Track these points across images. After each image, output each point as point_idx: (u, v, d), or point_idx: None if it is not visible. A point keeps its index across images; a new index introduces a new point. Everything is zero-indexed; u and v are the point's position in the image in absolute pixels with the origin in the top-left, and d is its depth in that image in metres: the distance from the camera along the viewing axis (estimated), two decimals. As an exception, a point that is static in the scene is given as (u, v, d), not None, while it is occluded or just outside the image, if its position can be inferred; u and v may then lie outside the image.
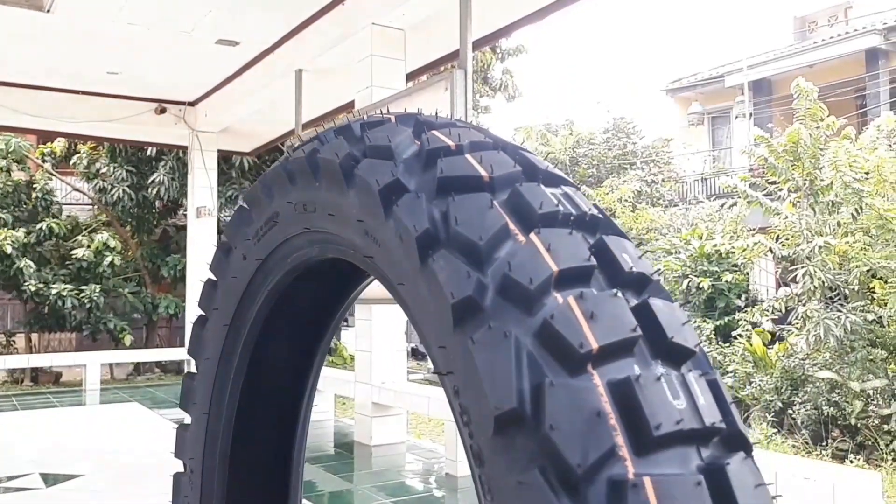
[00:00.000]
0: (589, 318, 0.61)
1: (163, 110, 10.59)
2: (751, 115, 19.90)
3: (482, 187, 0.73)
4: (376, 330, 6.69)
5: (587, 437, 0.56)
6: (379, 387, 6.64)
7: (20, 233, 12.48)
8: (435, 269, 0.68)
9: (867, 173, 8.79)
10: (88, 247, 12.49)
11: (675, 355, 0.63)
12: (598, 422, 0.56)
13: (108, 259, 12.38)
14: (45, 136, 13.66)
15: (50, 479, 5.25)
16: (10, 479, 5.27)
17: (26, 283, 12.19)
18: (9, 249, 11.98)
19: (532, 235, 0.68)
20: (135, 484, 5.17)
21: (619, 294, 0.65)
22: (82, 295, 12.24)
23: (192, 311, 11.14)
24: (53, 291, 12.09)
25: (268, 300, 1.09)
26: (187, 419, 1.30)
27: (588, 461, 0.55)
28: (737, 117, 20.93)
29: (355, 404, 7.05)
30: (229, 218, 1.21)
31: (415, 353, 16.08)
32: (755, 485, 0.58)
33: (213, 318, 1.18)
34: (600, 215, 0.73)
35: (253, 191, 1.05)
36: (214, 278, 1.18)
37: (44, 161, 14.05)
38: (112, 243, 12.52)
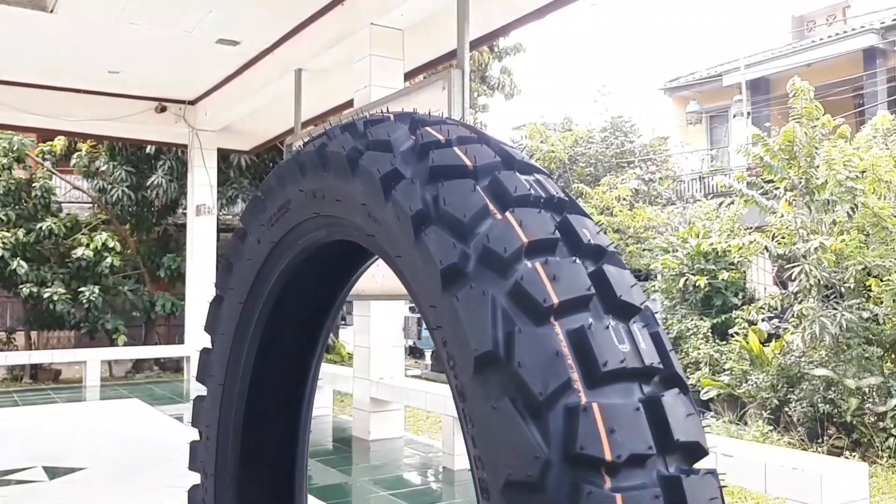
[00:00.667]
0: (552, 279, 0.76)
1: (163, 109, 10.70)
2: (749, 113, 19.98)
3: (467, 174, 0.88)
4: (374, 326, 6.78)
5: (548, 372, 0.70)
6: (377, 382, 6.72)
7: (20, 232, 12.52)
8: (427, 242, 0.83)
9: (862, 172, 8.85)
10: (87, 245, 12.52)
11: (624, 311, 0.78)
12: (557, 360, 0.71)
13: (108, 260, 12.42)
14: (47, 135, 13.73)
15: (53, 473, 5.30)
16: (13, 472, 5.31)
17: (21, 285, 12.24)
18: (0, 252, 12.01)
19: (507, 214, 0.83)
20: (137, 477, 5.23)
21: (578, 261, 0.80)
22: (80, 296, 12.25)
23: (192, 308, 11.23)
24: (46, 295, 12.10)
25: (279, 280, 1.22)
26: (203, 391, 1.42)
27: (549, 391, 0.70)
28: (735, 116, 21.01)
29: (353, 399, 7.12)
30: (244, 207, 1.34)
31: (412, 351, 16.11)
32: (686, 414, 0.72)
33: (229, 298, 1.31)
34: (566, 198, 0.88)
35: (267, 182, 1.19)
36: (231, 261, 1.30)
37: (44, 159, 14.11)
38: (111, 244, 12.55)
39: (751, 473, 3.84)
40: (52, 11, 7.32)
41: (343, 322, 16.30)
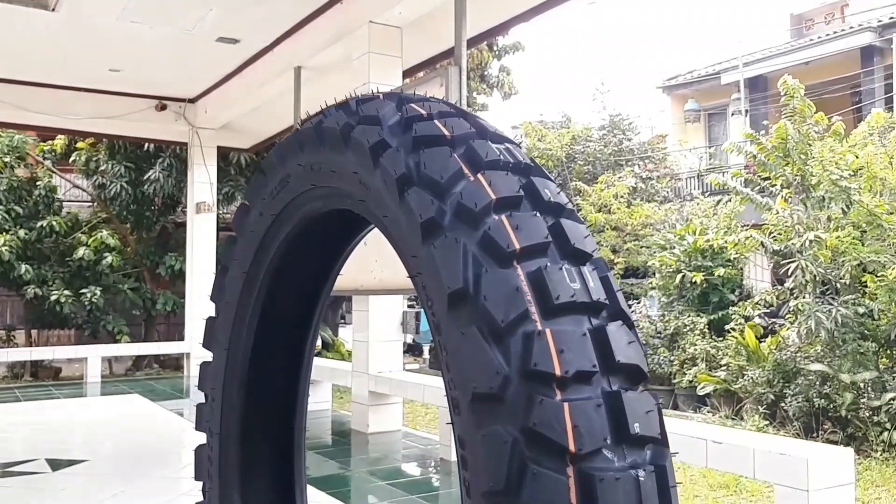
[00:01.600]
0: (515, 229, 0.91)
1: (163, 107, 10.78)
2: (747, 111, 20.07)
3: (445, 143, 1.03)
4: (373, 321, 6.88)
5: (509, 304, 0.85)
6: (376, 376, 6.81)
7: (21, 232, 12.59)
8: (409, 200, 0.97)
9: (858, 169, 8.93)
10: (88, 245, 12.59)
11: (577, 256, 0.93)
12: (517, 295, 0.85)
13: (108, 259, 12.50)
14: (47, 134, 13.80)
15: (55, 465, 5.39)
16: (17, 464, 5.42)
17: (26, 287, 12.34)
18: (6, 255, 12.08)
19: (479, 175, 0.98)
20: (137, 468, 5.33)
21: (539, 215, 0.94)
22: (81, 297, 12.34)
23: (192, 306, 11.32)
24: (52, 297, 12.19)
25: (280, 249, 1.34)
26: (209, 357, 1.54)
27: (509, 319, 0.85)
28: (733, 114, 21.11)
29: (352, 393, 7.19)
30: (248, 183, 1.46)
31: (411, 349, 16.14)
32: (628, 342, 0.85)
33: (233, 268, 1.43)
34: (532, 164, 1.01)
35: (268, 159, 1.31)
36: (235, 234, 1.42)
37: (45, 158, 14.19)
38: (111, 242, 12.62)
39: (740, 460, 3.91)
40: (53, 10, 7.41)
41: (342, 321, 16.41)
